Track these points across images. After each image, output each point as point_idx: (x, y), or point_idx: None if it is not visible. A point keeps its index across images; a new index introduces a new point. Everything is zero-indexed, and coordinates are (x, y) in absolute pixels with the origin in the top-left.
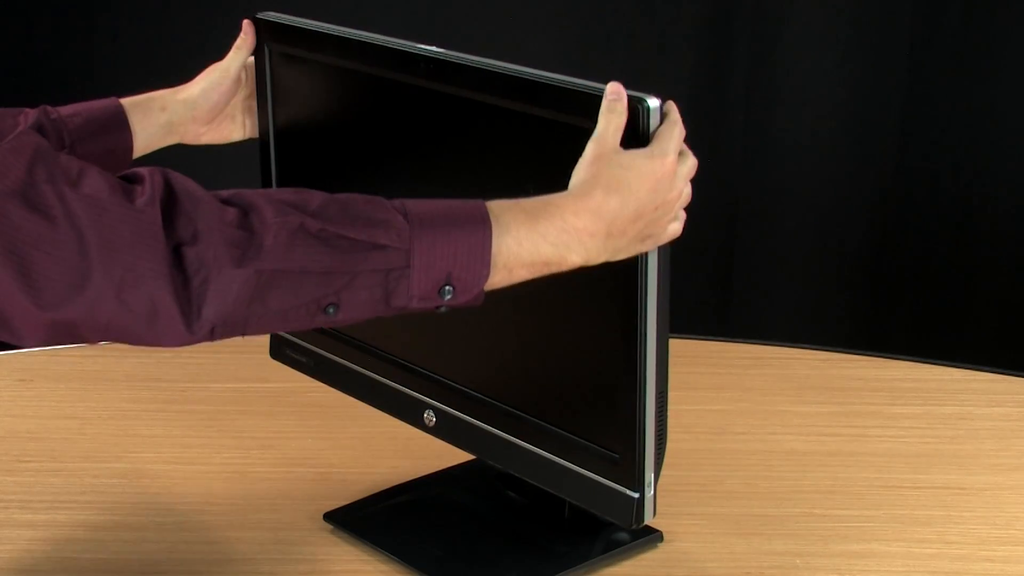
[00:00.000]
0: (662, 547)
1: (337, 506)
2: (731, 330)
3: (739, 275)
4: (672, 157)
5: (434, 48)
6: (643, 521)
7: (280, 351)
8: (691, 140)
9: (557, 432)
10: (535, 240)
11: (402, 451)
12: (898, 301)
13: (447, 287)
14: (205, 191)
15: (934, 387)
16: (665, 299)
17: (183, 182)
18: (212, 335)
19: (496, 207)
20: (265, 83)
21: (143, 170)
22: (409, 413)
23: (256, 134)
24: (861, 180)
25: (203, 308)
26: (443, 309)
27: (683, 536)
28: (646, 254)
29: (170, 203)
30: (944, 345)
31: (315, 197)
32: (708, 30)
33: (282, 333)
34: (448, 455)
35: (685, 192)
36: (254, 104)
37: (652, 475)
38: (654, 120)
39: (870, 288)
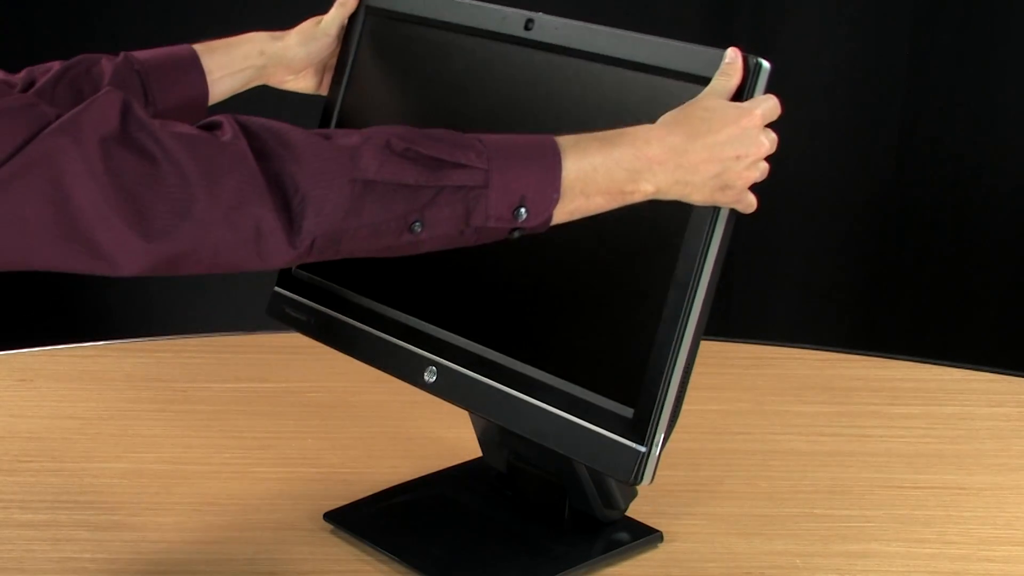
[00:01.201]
0: (662, 547)
1: (337, 506)
2: (731, 330)
3: (739, 275)
4: (759, 112)
5: (537, 13)
6: (642, 479)
7: (278, 308)
8: None
9: (565, 386)
10: (610, 166)
11: (402, 451)
12: (898, 301)
13: (521, 208)
14: (282, 123)
15: (934, 387)
16: (720, 263)
17: (257, 121)
18: (312, 249)
19: (572, 137)
20: (351, 46)
21: (217, 117)
22: (409, 371)
23: (326, 92)
24: (861, 180)
25: (303, 222)
26: (515, 234)
27: (683, 536)
28: (716, 214)
29: (253, 140)
30: (944, 345)
31: (396, 126)
32: (707, 29)
33: (283, 291)
34: (448, 455)
35: (763, 164)
36: (335, 63)
37: (663, 436)
38: (762, 81)
39: (870, 288)
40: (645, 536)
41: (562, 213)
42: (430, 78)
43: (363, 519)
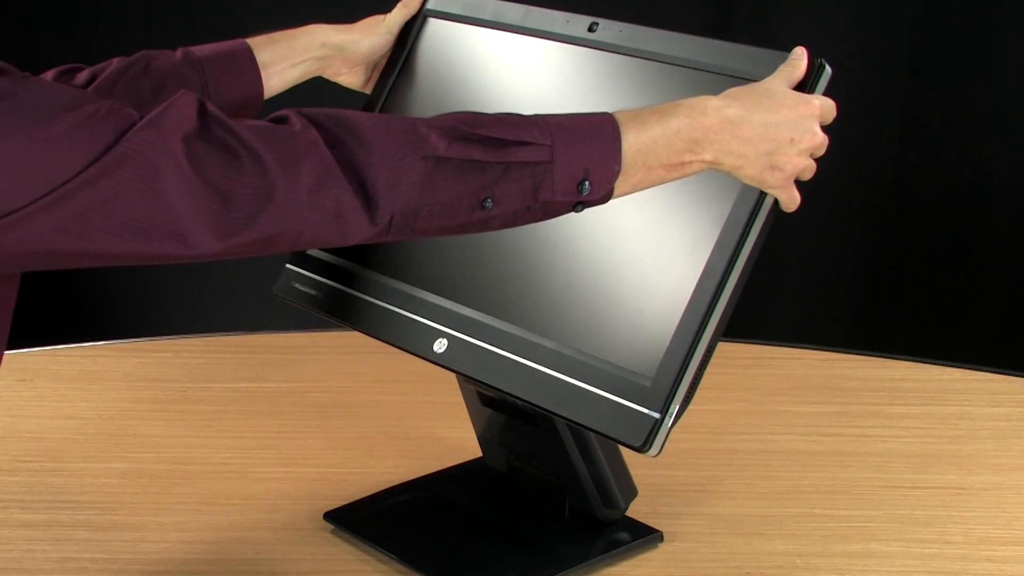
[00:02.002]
0: (662, 547)
1: (337, 506)
2: (731, 330)
3: None
4: (817, 103)
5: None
6: (652, 446)
7: (288, 285)
8: None
9: (580, 355)
10: (669, 138)
11: (402, 451)
12: (898, 301)
13: (585, 182)
14: (344, 110)
15: (934, 387)
16: (757, 252)
17: (321, 111)
18: (391, 227)
19: (630, 112)
20: (405, 45)
21: (282, 112)
22: (418, 342)
23: (369, 91)
24: (861, 180)
25: (380, 200)
26: (579, 208)
27: (683, 536)
28: (760, 202)
29: (320, 130)
30: (944, 345)
31: (456, 112)
32: (706, 30)
33: (300, 270)
34: (448, 455)
35: (812, 161)
36: (383, 64)
37: (678, 407)
38: (822, 82)
39: (870, 288)
40: (645, 536)
41: (625, 186)
42: (490, 78)
43: (363, 519)
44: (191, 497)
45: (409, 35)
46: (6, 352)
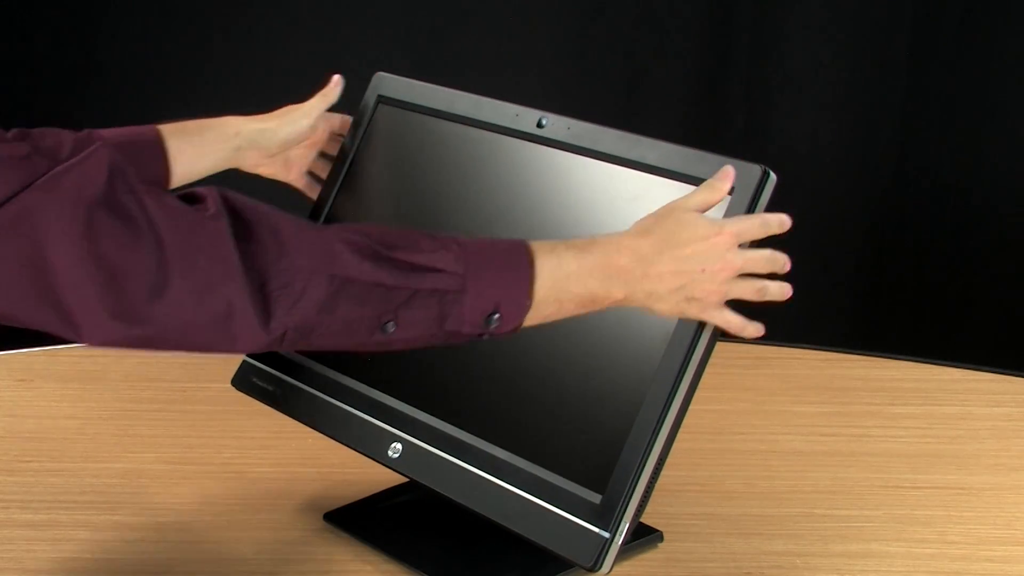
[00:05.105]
0: (662, 547)
1: (337, 506)
2: None
3: None
4: (731, 231)
5: (547, 114)
6: (602, 566)
7: (245, 379)
8: (692, 140)
9: (532, 468)
10: (582, 275)
11: None
12: (898, 301)
13: (495, 315)
14: (267, 206)
15: (934, 387)
16: (703, 367)
17: (245, 201)
18: (283, 339)
19: (547, 244)
20: (357, 132)
21: (201, 190)
22: (373, 445)
23: (299, 184)
24: (861, 181)
25: (277, 310)
26: (485, 337)
27: (683, 536)
28: (700, 328)
29: (236, 220)
30: (944, 345)
31: (374, 227)
32: (708, 30)
33: (252, 361)
34: None
35: (756, 283)
36: (310, 156)
37: (627, 525)
38: (767, 192)
39: (870, 288)
40: (645, 536)
41: (534, 318)
42: (439, 168)
43: (363, 519)
44: (191, 497)
45: (362, 122)
46: (6, 352)
